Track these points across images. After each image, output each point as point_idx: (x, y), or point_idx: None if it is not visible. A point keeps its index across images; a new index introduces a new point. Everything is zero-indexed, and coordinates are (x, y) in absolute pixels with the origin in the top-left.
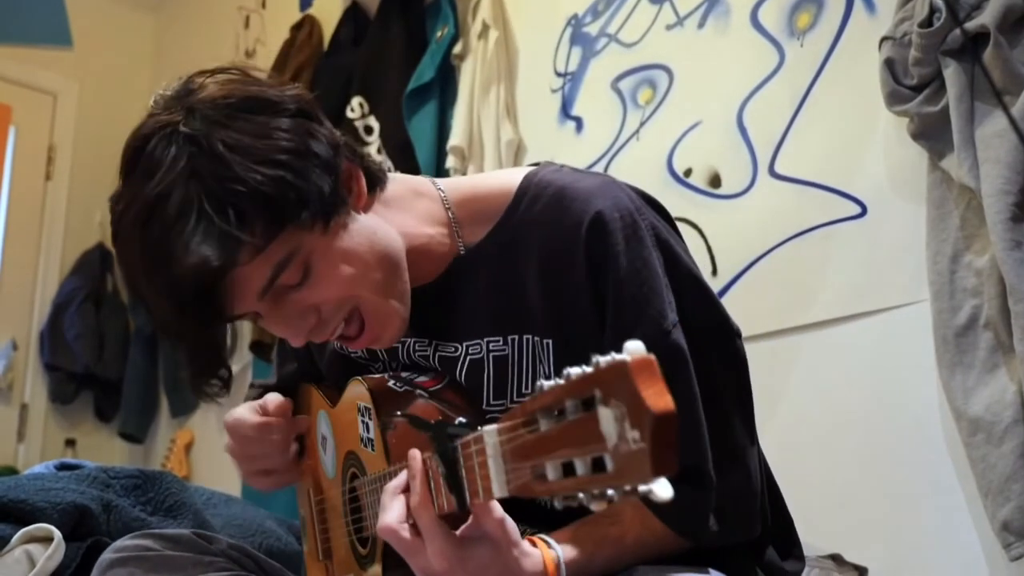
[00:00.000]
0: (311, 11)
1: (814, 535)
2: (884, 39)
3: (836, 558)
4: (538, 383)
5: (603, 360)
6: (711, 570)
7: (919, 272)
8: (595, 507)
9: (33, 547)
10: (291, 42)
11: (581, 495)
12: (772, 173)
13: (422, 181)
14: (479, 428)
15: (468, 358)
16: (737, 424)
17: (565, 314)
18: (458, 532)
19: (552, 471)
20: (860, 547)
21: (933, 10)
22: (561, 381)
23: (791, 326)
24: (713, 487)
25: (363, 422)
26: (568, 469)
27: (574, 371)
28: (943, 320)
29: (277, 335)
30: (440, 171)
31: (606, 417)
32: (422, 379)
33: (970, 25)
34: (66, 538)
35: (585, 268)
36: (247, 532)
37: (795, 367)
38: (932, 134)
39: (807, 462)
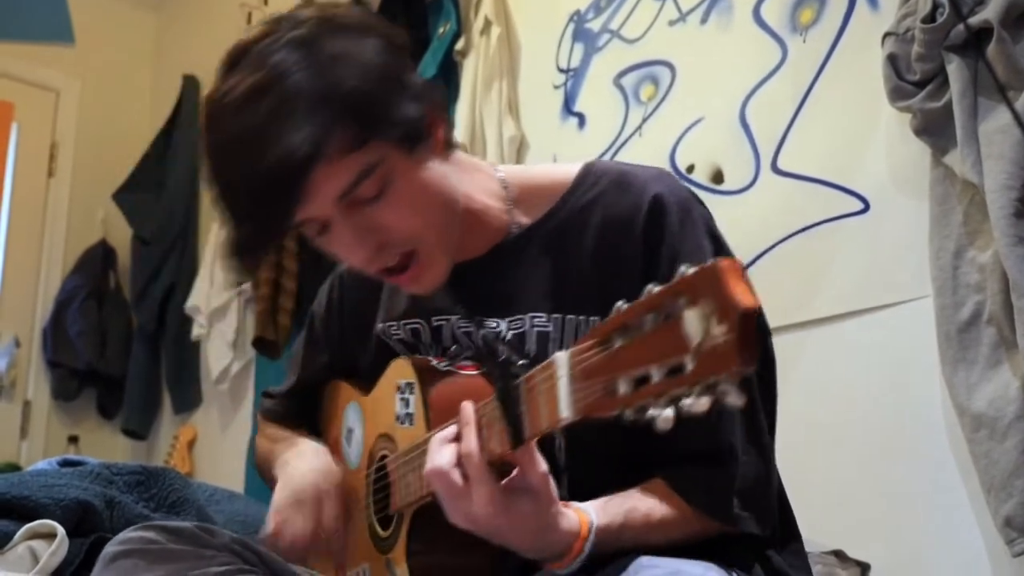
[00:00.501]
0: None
1: (817, 531)
2: (887, 35)
3: (839, 554)
4: (616, 304)
5: (690, 268)
6: (712, 564)
7: (922, 268)
8: (662, 422)
9: (36, 543)
10: None
11: (652, 405)
12: (775, 169)
13: (480, 160)
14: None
15: (510, 332)
16: (763, 417)
17: (614, 288)
18: (503, 483)
19: (624, 385)
20: (863, 543)
21: (936, 5)
22: (641, 298)
23: (794, 322)
24: (738, 469)
25: (402, 399)
26: (642, 381)
27: (653, 286)
28: (946, 316)
29: (337, 254)
30: None
31: (691, 318)
32: (463, 363)
33: (973, 20)
34: (69, 534)
35: (641, 246)
36: (250, 528)
37: (798, 363)
38: (935, 130)
39: (810, 458)
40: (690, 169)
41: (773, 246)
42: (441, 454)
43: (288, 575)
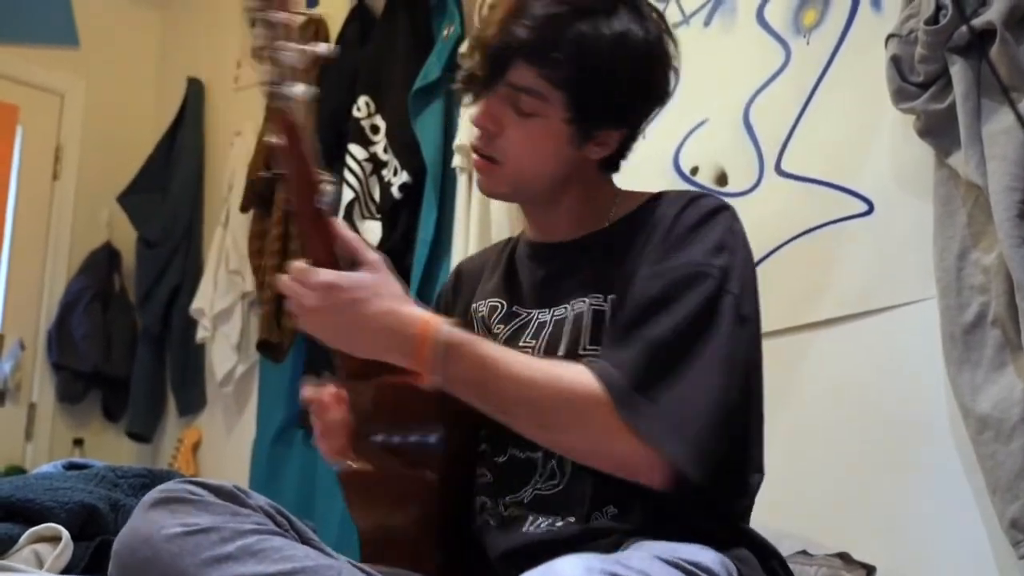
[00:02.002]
0: (317, 10)
1: (822, 533)
2: (890, 36)
3: (844, 556)
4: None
5: None
6: (705, 546)
7: (926, 269)
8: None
9: (41, 547)
10: None
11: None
12: (779, 171)
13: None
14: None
15: (572, 313)
16: (730, 352)
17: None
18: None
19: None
20: (868, 545)
21: (939, 7)
22: None
23: (799, 324)
24: (661, 365)
25: None
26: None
27: None
28: (950, 317)
29: (475, 132)
30: (446, 170)
31: None
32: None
33: (976, 22)
34: (74, 538)
35: (664, 226)
36: None
37: (802, 365)
38: (939, 131)
39: (815, 460)
40: (694, 171)
41: (777, 248)
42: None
43: (316, 543)
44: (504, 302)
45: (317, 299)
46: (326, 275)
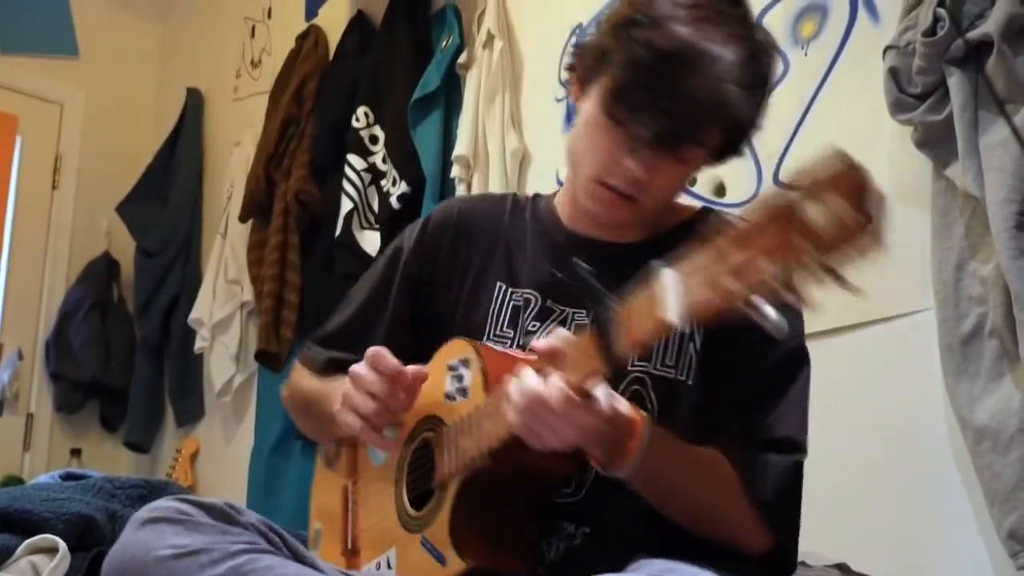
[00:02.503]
0: (317, 21)
1: (820, 544)
2: (888, 48)
3: (842, 567)
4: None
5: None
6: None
7: (924, 280)
8: (775, 322)
9: (38, 558)
10: (297, 52)
11: (763, 297)
12: (776, 182)
13: None
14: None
15: None
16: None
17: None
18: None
19: (732, 282)
20: (866, 556)
21: (936, 19)
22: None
23: None
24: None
25: (454, 376)
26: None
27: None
28: (948, 328)
29: (623, 157)
30: (445, 181)
31: (813, 209)
32: (518, 352)
33: (973, 34)
34: (71, 549)
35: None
36: None
37: None
38: (936, 142)
39: (813, 470)
40: (692, 182)
41: None
42: (532, 381)
43: (309, 560)
44: (538, 295)
45: (573, 433)
46: (583, 413)
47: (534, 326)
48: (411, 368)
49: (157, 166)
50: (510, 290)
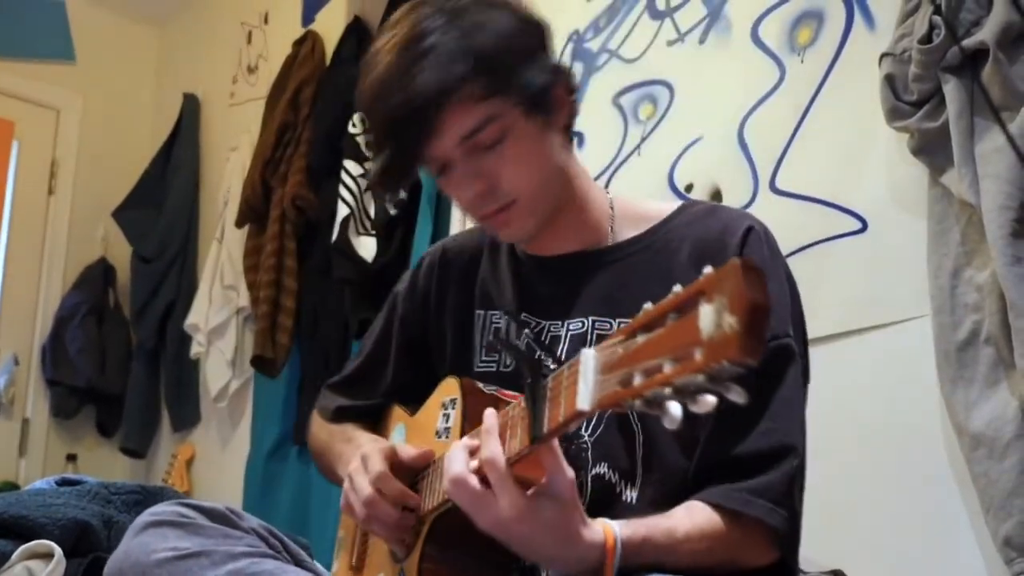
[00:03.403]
0: (313, 27)
1: (815, 550)
2: (884, 55)
3: (838, 574)
4: (644, 304)
5: (712, 269)
6: None
7: (920, 287)
8: (668, 421)
9: (34, 563)
10: (293, 57)
11: (662, 397)
12: (773, 188)
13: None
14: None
15: (595, 333)
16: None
17: None
18: (529, 492)
19: (639, 376)
20: (861, 562)
21: (932, 26)
22: (665, 297)
23: None
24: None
25: (444, 415)
26: (651, 372)
27: (678, 287)
28: (944, 335)
29: (452, 193)
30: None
31: (706, 313)
32: (508, 392)
33: (969, 42)
34: (67, 554)
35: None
36: None
37: None
38: (932, 150)
39: (809, 476)
40: (688, 188)
41: None
42: (459, 460)
43: (308, 566)
44: (511, 315)
45: (505, 511)
46: (517, 494)
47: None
48: (410, 496)
49: (153, 172)
50: (491, 315)
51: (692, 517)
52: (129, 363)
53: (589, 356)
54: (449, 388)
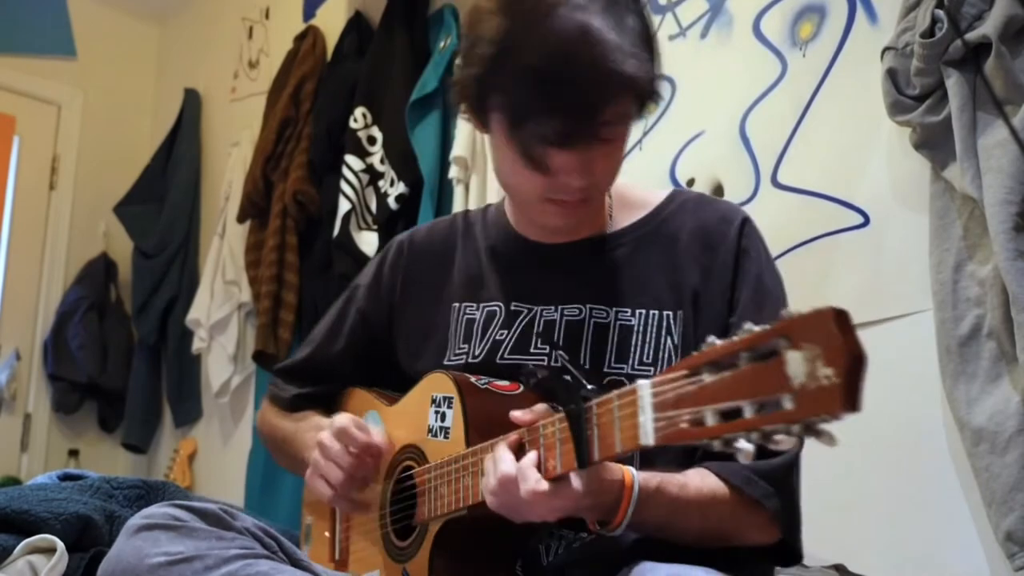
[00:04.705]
0: (314, 22)
1: (817, 545)
2: (886, 49)
3: (840, 568)
4: (708, 339)
5: (795, 312)
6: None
7: (922, 282)
8: (743, 456)
9: (36, 558)
10: (295, 52)
11: (741, 438)
12: (775, 183)
13: None
14: (631, 383)
15: (592, 321)
16: None
17: (704, 287)
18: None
19: (712, 417)
20: (864, 557)
21: (935, 20)
22: (736, 337)
23: None
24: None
25: (437, 412)
26: (731, 414)
27: (751, 327)
28: (946, 330)
29: (569, 180)
30: (443, 181)
31: (795, 359)
32: (500, 383)
33: (971, 35)
34: (69, 549)
35: (733, 254)
36: None
37: None
38: (934, 144)
39: (810, 471)
40: (690, 183)
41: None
42: (505, 464)
43: (304, 564)
44: (502, 304)
45: (543, 515)
46: (554, 498)
47: (502, 335)
48: (378, 438)
49: (155, 167)
50: (467, 306)
51: (703, 479)
52: (131, 358)
53: (647, 390)
54: (440, 384)
